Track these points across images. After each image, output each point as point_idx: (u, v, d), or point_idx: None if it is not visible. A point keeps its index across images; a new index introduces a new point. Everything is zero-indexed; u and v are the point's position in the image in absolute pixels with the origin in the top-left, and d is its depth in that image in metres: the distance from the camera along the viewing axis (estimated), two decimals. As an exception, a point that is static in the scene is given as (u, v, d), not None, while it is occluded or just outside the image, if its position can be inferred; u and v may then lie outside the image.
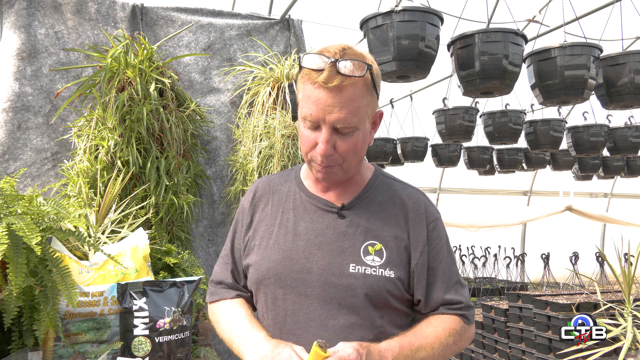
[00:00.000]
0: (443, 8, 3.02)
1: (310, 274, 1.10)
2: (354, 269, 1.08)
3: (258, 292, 1.16)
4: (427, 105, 5.42)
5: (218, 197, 2.75)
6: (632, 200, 9.93)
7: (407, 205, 1.17)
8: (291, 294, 1.10)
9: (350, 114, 1.04)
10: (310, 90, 1.04)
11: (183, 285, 1.69)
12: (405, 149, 5.41)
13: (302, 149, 1.11)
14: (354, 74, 1.02)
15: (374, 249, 1.11)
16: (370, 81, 1.07)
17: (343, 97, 1.02)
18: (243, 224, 1.24)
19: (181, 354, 1.60)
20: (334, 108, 1.02)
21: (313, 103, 1.03)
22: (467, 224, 7.29)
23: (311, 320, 1.08)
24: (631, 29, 5.02)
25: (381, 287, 1.08)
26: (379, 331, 1.09)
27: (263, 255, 1.15)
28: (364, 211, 1.15)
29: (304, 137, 1.09)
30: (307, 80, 1.04)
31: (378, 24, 2.53)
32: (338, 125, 1.04)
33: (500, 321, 4.26)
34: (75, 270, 1.56)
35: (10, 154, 2.30)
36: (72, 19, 2.51)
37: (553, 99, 2.80)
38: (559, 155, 5.71)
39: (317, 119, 1.04)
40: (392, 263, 1.10)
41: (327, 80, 1.01)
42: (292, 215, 1.17)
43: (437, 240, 1.17)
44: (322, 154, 1.06)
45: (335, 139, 1.06)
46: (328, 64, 1.01)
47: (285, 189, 1.24)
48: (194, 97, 2.72)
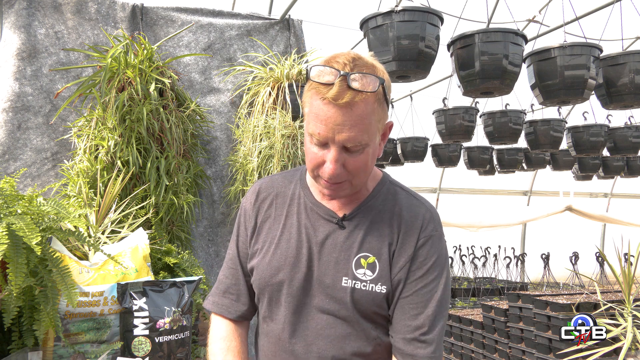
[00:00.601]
0: (443, 8, 3.02)
1: (309, 283, 1.09)
2: (345, 282, 1.06)
3: (261, 295, 1.17)
4: (427, 105, 5.43)
5: (218, 197, 2.75)
6: (632, 200, 9.93)
7: (402, 216, 1.10)
8: (291, 302, 1.10)
9: (360, 133, 0.97)
10: (319, 107, 0.97)
11: (183, 285, 1.70)
12: (405, 149, 5.42)
13: (308, 166, 1.06)
14: (366, 90, 0.95)
15: (367, 262, 1.07)
16: (382, 95, 1.00)
17: (354, 114, 0.96)
18: (247, 227, 1.22)
19: (181, 354, 1.60)
20: (344, 127, 0.96)
21: (322, 122, 0.97)
22: (467, 224, 7.29)
23: (307, 329, 1.08)
24: (631, 29, 5.02)
25: (369, 302, 1.06)
26: (375, 342, 1.09)
27: (266, 261, 1.14)
28: (363, 222, 1.11)
29: (310, 154, 1.04)
30: (315, 95, 0.98)
31: (378, 24, 2.53)
32: (348, 144, 0.98)
33: (500, 321, 4.26)
34: (75, 270, 1.56)
35: (10, 154, 2.30)
36: (72, 19, 2.51)
37: (553, 99, 2.80)
38: (559, 155, 5.72)
39: (326, 138, 0.98)
40: (384, 277, 1.06)
41: (337, 96, 0.94)
42: (295, 221, 1.15)
43: (425, 260, 1.07)
44: (331, 174, 1.01)
45: (345, 157, 1.00)
46: (338, 78, 0.94)
47: (289, 191, 1.20)
48: (194, 97, 2.72)
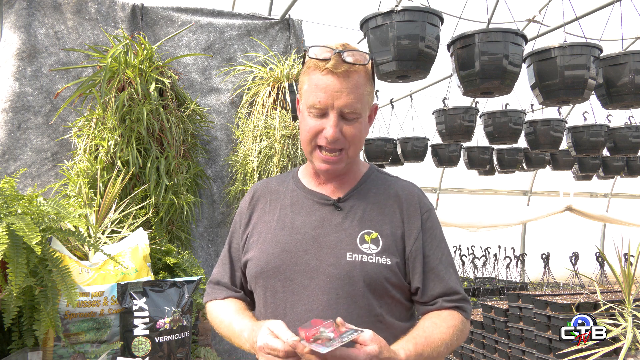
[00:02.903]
0: (443, 8, 3.02)
1: (308, 266, 1.12)
2: (351, 257, 1.11)
3: (257, 286, 1.18)
4: (427, 105, 5.42)
5: (218, 197, 2.75)
6: (632, 200, 9.93)
7: (400, 197, 1.21)
8: (290, 286, 1.12)
9: (356, 100, 1.10)
10: (318, 78, 1.10)
11: (183, 285, 1.70)
12: (405, 149, 5.41)
13: (306, 137, 1.15)
14: (359, 62, 1.10)
15: (370, 237, 1.14)
16: (371, 71, 1.15)
17: (350, 82, 1.09)
18: (241, 223, 1.28)
19: (181, 354, 1.60)
20: (342, 93, 1.09)
21: (322, 90, 1.09)
22: (467, 224, 7.29)
23: (309, 311, 1.09)
24: (631, 29, 5.02)
25: (379, 274, 1.10)
26: (377, 319, 1.10)
27: (261, 250, 1.17)
28: (359, 202, 1.19)
29: (308, 126, 1.13)
30: (314, 70, 1.11)
31: (378, 24, 2.53)
32: (346, 110, 1.10)
33: (500, 321, 4.26)
34: (75, 270, 1.56)
35: (10, 154, 2.30)
36: (72, 19, 2.51)
37: (553, 99, 2.80)
38: (559, 155, 5.71)
39: (326, 105, 1.10)
40: (388, 251, 1.13)
41: (335, 66, 1.08)
42: (289, 211, 1.21)
43: (431, 230, 1.20)
44: (331, 137, 1.10)
45: (342, 124, 1.12)
46: (334, 54, 1.08)
47: (283, 188, 1.28)
48: (194, 97, 2.72)
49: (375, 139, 5.43)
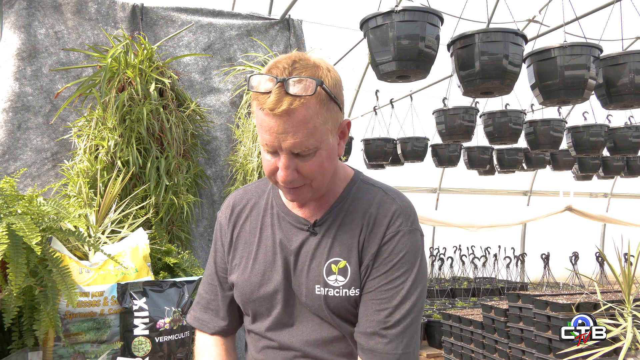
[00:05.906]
0: (443, 8, 3.02)
1: (289, 293, 1.10)
2: (319, 290, 1.06)
3: (245, 310, 1.17)
4: (427, 105, 5.43)
5: (218, 197, 2.75)
6: (632, 200, 9.93)
7: (371, 214, 1.07)
8: (274, 311, 1.11)
9: (305, 137, 0.95)
10: (261, 118, 0.96)
11: (183, 285, 1.70)
12: (405, 149, 5.42)
13: (265, 172, 1.06)
14: (305, 94, 0.93)
15: (338, 267, 1.06)
16: (325, 95, 0.97)
17: (294, 121, 0.94)
18: (224, 242, 1.21)
19: (181, 354, 1.60)
20: (287, 135, 0.95)
21: (266, 132, 0.96)
22: (467, 224, 7.29)
23: (293, 337, 1.09)
24: (631, 29, 5.02)
25: (344, 307, 1.05)
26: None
27: (245, 277, 1.14)
28: (332, 226, 1.09)
29: (265, 162, 1.03)
30: (257, 105, 0.97)
31: (378, 24, 2.53)
32: (295, 150, 0.97)
33: (500, 321, 4.26)
34: (75, 270, 1.56)
35: (10, 154, 2.30)
36: (72, 19, 2.51)
37: (553, 99, 2.80)
38: (559, 155, 5.72)
39: (273, 147, 0.97)
40: (356, 281, 1.04)
41: (274, 105, 0.93)
42: (270, 233, 1.14)
43: (389, 256, 1.03)
44: (283, 180, 1.00)
45: (296, 162, 0.99)
46: (275, 86, 0.93)
47: (262, 201, 1.20)
48: (194, 97, 2.72)
49: (375, 139, 5.44)
